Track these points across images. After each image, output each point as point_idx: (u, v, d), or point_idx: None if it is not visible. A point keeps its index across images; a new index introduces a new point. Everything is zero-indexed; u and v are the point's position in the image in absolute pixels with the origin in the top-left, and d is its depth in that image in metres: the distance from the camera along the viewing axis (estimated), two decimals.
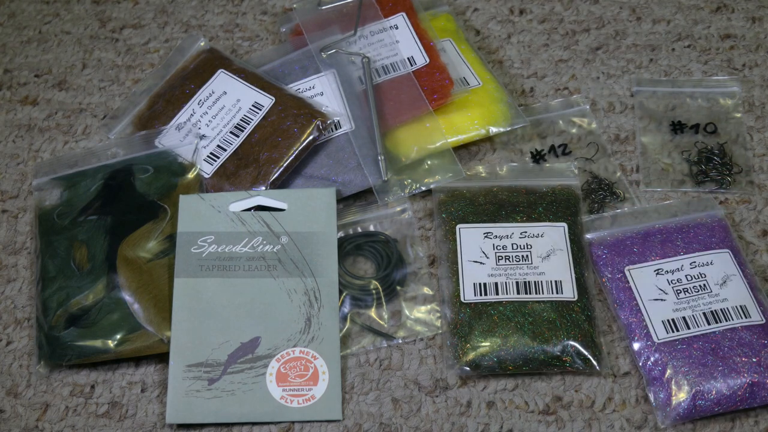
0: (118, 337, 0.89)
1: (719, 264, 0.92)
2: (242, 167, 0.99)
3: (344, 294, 0.93)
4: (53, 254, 0.94)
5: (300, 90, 1.04)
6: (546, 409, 0.88)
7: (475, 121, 1.02)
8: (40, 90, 1.13)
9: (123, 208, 0.96)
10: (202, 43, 1.11)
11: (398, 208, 0.99)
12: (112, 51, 1.16)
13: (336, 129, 1.01)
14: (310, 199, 0.96)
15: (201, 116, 1.03)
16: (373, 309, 0.93)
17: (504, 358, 0.88)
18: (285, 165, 0.98)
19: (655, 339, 0.88)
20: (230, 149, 1.00)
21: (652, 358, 0.87)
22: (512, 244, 0.94)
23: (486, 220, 0.96)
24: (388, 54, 1.06)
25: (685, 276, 0.92)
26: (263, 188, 0.97)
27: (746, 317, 0.88)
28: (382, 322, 0.93)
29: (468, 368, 0.88)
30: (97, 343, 0.89)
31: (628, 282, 0.92)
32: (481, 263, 0.93)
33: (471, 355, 0.88)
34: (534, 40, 1.15)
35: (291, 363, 0.89)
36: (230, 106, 1.03)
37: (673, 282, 0.91)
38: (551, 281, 0.92)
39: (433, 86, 1.03)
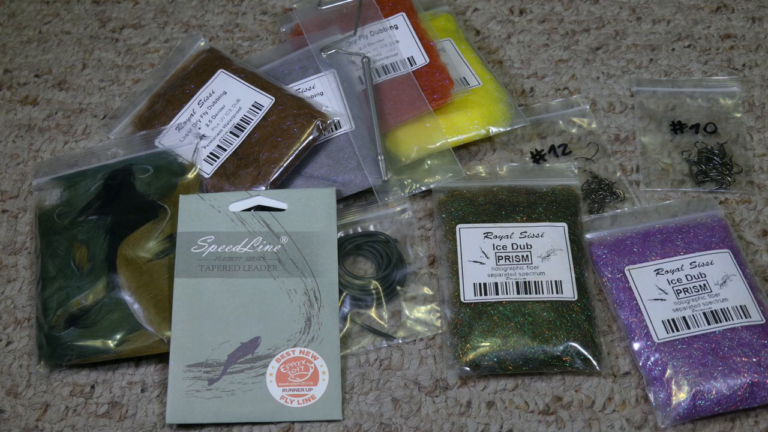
0: (118, 337, 0.89)
1: (719, 264, 0.92)
2: (242, 167, 0.99)
3: (344, 294, 0.93)
4: (53, 254, 0.94)
5: (300, 90, 1.04)
6: (546, 409, 0.88)
7: (475, 121, 1.02)
8: (40, 90, 1.13)
9: (123, 208, 0.96)
10: (202, 43, 1.11)
11: (398, 208, 0.99)
12: (112, 51, 1.16)
13: (336, 129, 1.01)
14: (310, 199, 0.96)
15: (201, 116, 1.03)
16: (373, 309, 0.93)
17: (504, 358, 0.88)
18: (285, 165, 0.98)
19: (655, 339, 0.88)
20: (230, 149, 1.00)
21: (652, 358, 0.87)
22: (512, 244, 0.94)
23: (486, 220, 0.96)
24: (388, 54, 1.06)
25: (685, 276, 0.92)
26: (263, 188, 0.97)
27: (746, 317, 0.88)
28: (382, 322, 0.93)
29: (468, 368, 0.88)
30: (97, 343, 0.89)
31: (628, 282, 0.92)
32: (481, 263, 0.93)
33: (471, 355, 0.88)
34: (534, 40, 1.15)
35: (291, 363, 0.89)
36: (230, 106, 1.03)
37: (673, 282, 0.91)
38: (551, 281, 0.92)
39: (433, 86, 1.03)
